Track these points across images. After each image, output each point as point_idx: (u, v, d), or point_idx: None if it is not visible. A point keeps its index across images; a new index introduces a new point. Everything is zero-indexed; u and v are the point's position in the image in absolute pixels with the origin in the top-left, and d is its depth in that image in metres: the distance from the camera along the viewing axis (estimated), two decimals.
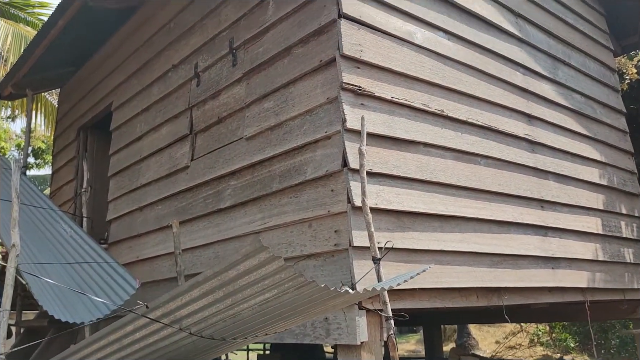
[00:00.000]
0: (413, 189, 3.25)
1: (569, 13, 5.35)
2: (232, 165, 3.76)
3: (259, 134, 3.60)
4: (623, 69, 7.19)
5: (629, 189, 5.36)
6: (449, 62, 3.80)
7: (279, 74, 3.54)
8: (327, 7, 3.22)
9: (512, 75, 4.33)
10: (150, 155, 4.74)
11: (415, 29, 3.62)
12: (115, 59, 5.64)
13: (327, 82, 3.17)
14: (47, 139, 14.70)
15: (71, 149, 6.35)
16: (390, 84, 3.34)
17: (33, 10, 10.14)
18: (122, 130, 5.31)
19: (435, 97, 3.61)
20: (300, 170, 3.23)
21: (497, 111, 4.09)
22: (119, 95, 5.44)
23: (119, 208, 5.06)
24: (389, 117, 3.27)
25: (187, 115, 4.38)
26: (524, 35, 4.58)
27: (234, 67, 3.95)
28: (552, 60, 4.88)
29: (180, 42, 4.60)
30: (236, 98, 3.90)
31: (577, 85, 5.10)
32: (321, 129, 3.14)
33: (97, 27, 5.55)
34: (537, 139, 4.36)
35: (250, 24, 3.84)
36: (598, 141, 5.13)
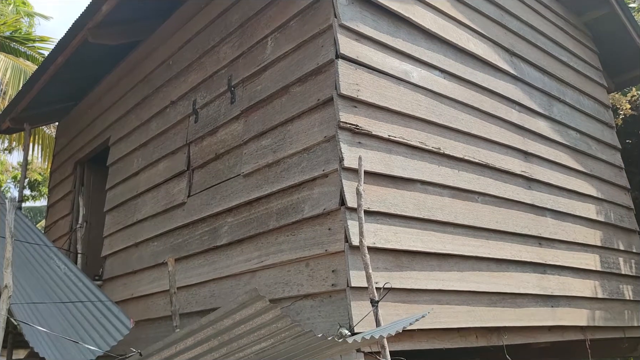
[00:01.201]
0: (411, 227, 3.23)
1: (562, 51, 5.44)
2: (229, 202, 3.74)
3: (257, 171, 3.60)
4: (617, 105, 7.27)
5: (626, 225, 5.36)
6: (445, 100, 3.83)
7: (277, 111, 3.56)
8: (324, 47, 3.26)
9: (508, 113, 4.37)
10: (147, 190, 4.72)
11: (411, 68, 3.66)
12: (114, 94, 5.68)
13: (324, 120, 3.19)
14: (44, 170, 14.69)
15: (67, 183, 6.33)
16: (387, 122, 3.36)
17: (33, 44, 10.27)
18: (119, 165, 5.30)
19: (432, 135, 3.63)
20: (297, 208, 3.22)
21: (494, 148, 4.11)
22: (117, 130, 5.45)
23: (115, 244, 5.02)
24: (386, 155, 3.28)
25: (184, 151, 4.39)
26: (519, 73, 4.64)
27: (232, 104, 3.98)
28: (547, 97, 4.94)
29: (179, 78, 4.64)
30: (234, 135, 3.92)
31: (572, 122, 5.15)
32: (319, 167, 3.15)
33: (97, 63, 5.61)
34: (533, 175, 4.38)
35: (249, 62, 3.88)
36: (594, 177, 5.15)
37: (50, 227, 6.49)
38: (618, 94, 7.24)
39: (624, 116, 7.47)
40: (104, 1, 4.41)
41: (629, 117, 7.55)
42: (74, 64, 5.29)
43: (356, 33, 3.32)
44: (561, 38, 5.50)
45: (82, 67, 5.53)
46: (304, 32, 3.42)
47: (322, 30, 3.29)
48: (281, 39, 3.63)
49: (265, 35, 3.75)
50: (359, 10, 3.39)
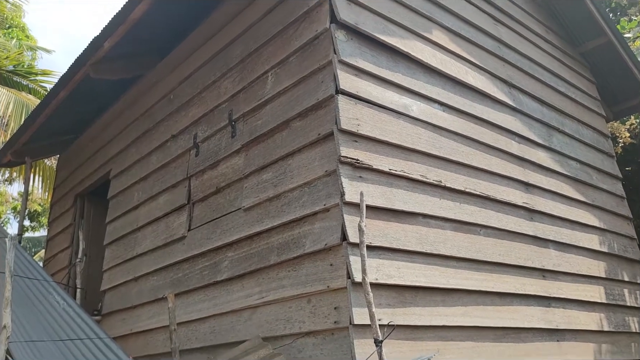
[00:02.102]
0: (413, 262, 3.20)
1: (560, 81, 5.49)
2: (230, 237, 3.72)
3: (258, 205, 3.59)
4: (616, 133, 7.29)
5: (629, 255, 5.31)
6: (445, 133, 3.84)
7: (278, 146, 3.56)
8: (324, 82, 3.29)
9: (508, 144, 4.38)
10: (147, 224, 4.70)
11: (411, 102, 3.68)
12: (115, 127, 5.71)
13: (325, 155, 3.19)
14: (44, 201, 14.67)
15: (68, 216, 6.31)
16: (387, 156, 3.37)
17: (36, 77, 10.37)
18: (119, 198, 5.30)
19: (432, 168, 3.63)
20: (298, 243, 3.19)
21: (495, 180, 4.10)
22: (118, 164, 5.46)
23: (114, 278, 4.97)
24: (387, 189, 3.27)
25: (185, 184, 4.38)
26: (517, 105, 4.67)
27: (233, 138, 3.99)
28: (547, 128, 4.96)
29: (180, 112, 4.67)
30: (235, 169, 3.92)
31: (572, 152, 5.15)
32: (320, 201, 3.13)
33: (98, 97, 5.66)
34: (535, 207, 4.36)
35: (250, 97, 3.91)
36: (596, 207, 5.13)
37: (50, 261, 6.45)
38: (617, 122, 7.27)
39: (624, 144, 7.49)
40: (106, 38, 4.47)
41: (629, 146, 7.57)
42: (76, 98, 5.34)
43: (355, 68, 3.35)
44: (558, 69, 5.55)
45: (84, 101, 5.58)
46: (304, 68, 3.45)
47: (322, 66, 3.32)
48: (281, 74, 3.66)
49: (266, 70, 3.79)
50: (357, 46, 3.42)
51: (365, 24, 3.47)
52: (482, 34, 4.59)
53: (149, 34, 4.71)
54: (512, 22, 5.09)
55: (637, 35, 7.37)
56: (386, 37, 3.60)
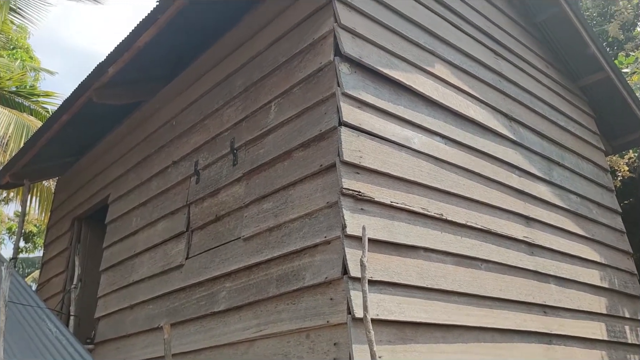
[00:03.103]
0: (414, 297, 3.16)
1: (560, 115, 5.52)
2: (228, 267, 3.68)
3: (257, 234, 3.56)
4: (615, 167, 7.32)
5: (630, 291, 5.27)
6: (446, 165, 3.84)
7: (279, 175, 3.55)
8: (327, 114, 3.29)
9: (509, 178, 4.38)
10: (145, 251, 4.66)
11: (412, 134, 3.69)
12: (116, 152, 5.71)
13: (327, 186, 3.18)
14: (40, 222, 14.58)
15: (64, 239, 6.26)
16: (389, 188, 3.35)
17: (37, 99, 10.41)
18: (117, 223, 5.26)
19: (434, 201, 3.62)
20: (298, 275, 3.16)
21: (495, 213, 4.09)
22: (117, 188, 5.44)
23: (109, 305, 4.90)
24: (389, 222, 3.25)
25: (184, 212, 4.36)
26: (518, 138, 4.69)
27: (234, 166, 3.99)
28: (547, 161, 4.97)
29: (182, 139, 4.67)
30: (235, 197, 3.90)
31: (572, 186, 5.15)
32: (321, 233, 3.11)
33: (100, 120, 5.68)
34: (535, 241, 4.34)
35: (252, 125, 3.91)
36: (596, 242, 5.11)
37: (44, 285, 6.36)
38: (616, 156, 7.31)
39: (622, 178, 7.51)
40: (111, 64, 4.50)
41: (627, 179, 7.60)
42: (78, 122, 5.35)
43: (358, 101, 3.36)
44: (558, 103, 5.60)
45: (86, 125, 5.59)
46: (308, 99, 3.46)
47: (325, 97, 3.33)
48: (285, 105, 3.67)
49: (269, 100, 3.80)
50: (361, 79, 3.44)
51: (369, 57, 3.50)
52: (483, 68, 4.64)
53: (153, 61, 4.75)
54: (512, 56, 5.15)
55: (635, 71, 7.45)
56: (389, 71, 3.63)
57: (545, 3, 5.59)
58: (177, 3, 3.92)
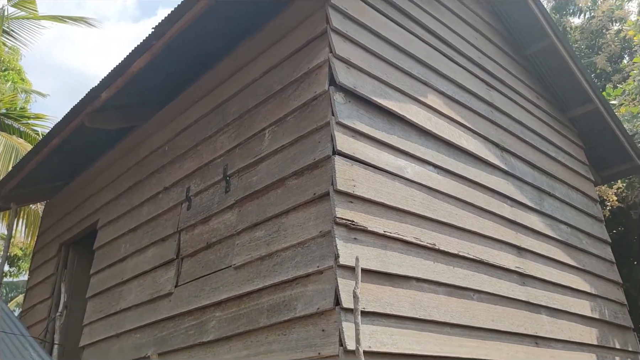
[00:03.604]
0: (407, 329, 3.13)
1: (550, 146, 5.58)
2: (219, 295, 3.62)
3: (249, 263, 3.52)
4: (604, 196, 7.39)
5: (620, 321, 5.27)
6: (439, 195, 3.85)
7: (272, 203, 3.53)
8: (321, 143, 3.30)
9: (501, 208, 4.39)
10: (133, 278, 4.58)
11: (405, 164, 3.70)
12: (106, 176, 5.66)
13: (320, 215, 3.16)
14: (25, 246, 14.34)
15: (50, 265, 6.15)
16: (382, 217, 3.34)
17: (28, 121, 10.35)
18: (106, 249, 5.18)
19: (426, 231, 3.61)
20: (290, 305, 3.11)
21: (488, 243, 4.09)
22: (107, 214, 5.38)
23: (95, 333, 4.79)
24: (381, 252, 3.23)
25: (175, 238, 4.31)
26: (509, 168, 4.72)
27: (226, 193, 3.96)
28: (538, 191, 5.00)
29: (174, 165, 4.65)
30: (227, 224, 3.86)
31: (563, 216, 5.18)
32: (313, 263, 3.08)
33: (91, 145, 5.64)
34: (527, 271, 4.33)
35: (246, 153, 3.91)
36: (587, 272, 5.12)
37: (28, 311, 6.22)
38: (605, 186, 7.38)
39: (611, 208, 7.58)
40: (104, 89, 4.49)
41: (616, 209, 7.67)
42: (69, 146, 5.32)
43: (352, 130, 3.37)
44: (548, 133, 5.66)
45: (76, 149, 5.55)
46: (302, 128, 3.47)
47: (319, 126, 3.34)
48: (279, 132, 3.67)
49: (263, 127, 3.81)
50: (355, 109, 3.46)
51: (363, 87, 3.53)
52: (475, 99, 4.69)
53: (147, 87, 4.75)
54: (503, 88, 5.22)
55: (622, 102, 7.58)
56: (383, 100, 3.65)
57: (535, 36, 5.70)
58: (172, 31, 3.94)
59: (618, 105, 7.54)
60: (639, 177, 7.21)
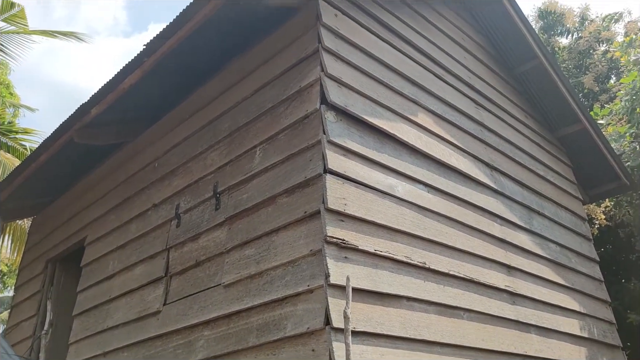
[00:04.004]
0: (397, 348, 3.11)
1: (539, 165, 5.63)
2: (207, 314, 3.58)
3: (238, 281, 3.49)
4: (593, 215, 7.45)
5: (609, 340, 5.27)
6: (429, 214, 3.85)
7: (263, 221, 3.52)
8: (313, 161, 3.30)
9: (490, 226, 4.40)
10: (121, 295, 4.52)
11: (396, 182, 3.71)
12: (95, 192, 5.61)
13: (310, 233, 3.15)
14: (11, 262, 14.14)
15: (36, 281, 6.06)
16: (373, 236, 3.34)
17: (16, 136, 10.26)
18: (93, 266, 5.12)
19: (417, 249, 3.61)
20: (279, 325, 3.08)
21: (478, 262, 4.09)
22: (95, 230, 5.32)
23: (81, 352, 4.71)
24: (372, 271, 3.22)
25: (163, 256, 4.27)
26: (499, 187, 4.74)
27: (216, 210, 3.94)
28: (527, 210, 5.03)
29: (164, 182, 4.62)
30: (216, 242, 3.84)
31: (552, 235, 5.21)
32: (303, 282, 3.06)
33: (80, 161, 5.60)
34: (517, 290, 4.33)
35: (236, 170, 3.90)
36: (576, 291, 5.14)
37: (13, 329, 6.11)
38: (593, 205, 7.44)
39: (600, 226, 7.63)
40: (94, 104, 4.47)
41: (604, 227, 7.72)
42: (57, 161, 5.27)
43: (344, 149, 3.38)
44: (537, 152, 5.71)
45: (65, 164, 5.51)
46: (293, 146, 3.47)
47: (310, 145, 3.34)
48: (270, 150, 3.67)
49: (254, 145, 3.80)
50: (346, 127, 3.47)
51: (354, 106, 3.54)
52: (465, 118, 4.73)
53: (138, 103, 4.74)
54: (493, 107, 5.27)
55: (610, 122, 7.67)
56: (374, 119, 3.67)
57: (524, 56, 5.79)
58: (163, 48, 3.94)
59: (605, 124, 7.63)
60: (626, 196, 7.27)
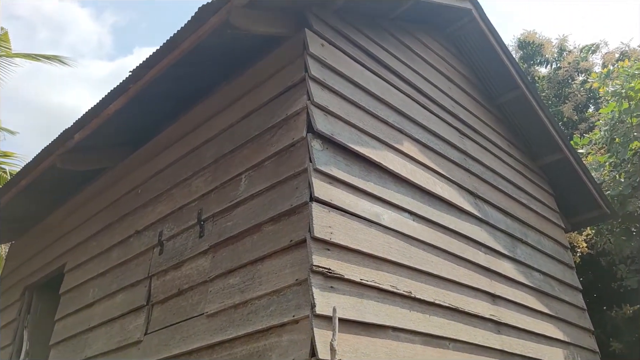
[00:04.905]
0: None
1: (522, 193, 5.69)
2: (190, 344, 3.50)
3: (222, 311, 3.43)
4: (575, 243, 7.52)
5: None
6: (415, 242, 3.85)
7: (247, 249, 3.48)
8: (299, 189, 3.29)
9: (475, 255, 4.41)
10: (101, 324, 4.41)
11: (382, 211, 3.71)
12: (76, 218, 5.51)
13: (296, 262, 3.12)
14: None
15: (13, 309, 5.89)
16: (359, 265, 3.32)
17: None
18: (72, 294, 5.00)
19: (403, 278, 3.59)
20: (264, 356, 3.03)
21: (463, 291, 4.08)
22: (75, 257, 5.22)
23: None
24: (358, 301, 3.19)
25: (145, 284, 4.19)
26: (483, 215, 4.77)
27: (200, 238, 3.89)
28: (511, 238, 5.06)
29: (147, 208, 4.57)
30: (200, 270, 3.78)
31: (535, 263, 5.23)
32: (289, 312, 3.02)
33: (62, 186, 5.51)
34: (502, 319, 4.33)
35: (221, 197, 3.87)
36: (560, 320, 5.15)
37: None
38: (575, 233, 7.52)
39: (581, 254, 7.70)
40: (78, 130, 4.43)
41: (586, 255, 7.79)
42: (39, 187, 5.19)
43: (330, 177, 3.38)
44: (520, 181, 5.78)
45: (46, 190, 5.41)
46: (279, 173, 3.46)
47: (297, 172, 3.34)
48: (255, 178, 3.66)
49: (240, 172, 3.79)
50: (332, 155, 3.48)
51: (341, 135, 3.56)
52: (449, 146, 4.78)
53: (122, 129, 4.71)
54: (476, 136, 5.34)
55: (589, 152, 7.82)
56: (360, 148, 3.69)
57: (506, 86, 5.90)
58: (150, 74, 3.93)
59: (585, 154, 7.77)
60: (607, 224, 7.37)
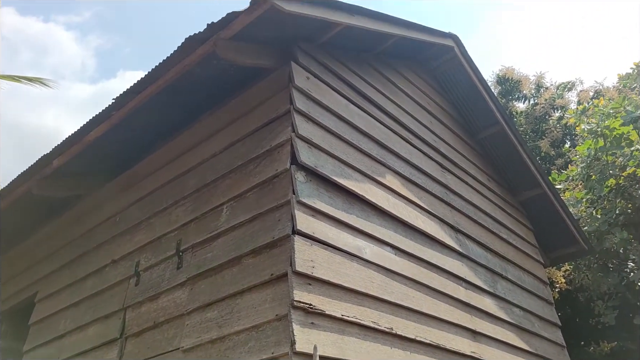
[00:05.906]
0: None
1: (502, 228, 5.72)
2: None
3: (199, 346, 3.33)
4: (553, 278, 7.57)
5: None
6: (396, 277, 3.82)
7: (227, 282, 3.40)
8: (281, 221, 3.25)
9: (456, 290, 4.39)
10: (72, 357, 4.24)
11: (364, 244, 3.68)
12: (49, 246, 5.36)
13: (276, 297, 3.06)
14: None
15: None
16: (340, 300, 3.26)
17: None
18: (43, 324, 4.82)
19: (384, 314, 3.54)
20: None
21: (444, 327, 4.04)
22: (47, 286, 5.05)
23: None
24: (339, 337, 3.13)
25: (120, 316, 4.06)
26: (464, 250, 4.77)
27: (178, 269, 3.80)
28: (491, 274, 5.05)
29: (125, 237, 4.47)
30: (177, 303, 3.68)
31: (515, 299, 5.23)
32: (267, 349, 2.94)
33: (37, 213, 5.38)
34: (482, 356, 4.28)
35: (202, 228, 3.80)
36: (539, 357, 5.13)
37: None
38: (554, 268, 7.58)
39: (560, 290, 7.75)
40: (57, 155, 4.35)
41: (565, 291, 7.84)
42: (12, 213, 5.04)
43: (313, 209, 3.35)
44: (500, 215, 5.82)
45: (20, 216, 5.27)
46: (261, 205, 3.42)
47: (279, 204, 3.30)
48: (237, 209, 3.61)
49: (221, 202, 3.73)
50: (315, 188, 3.46)
51: (324, 167, 3.55)
52: (431, 180, 4.80)
53: (102, 156, 4.63)
54: (457, 170, 5.38)
55: (567, 187, 7.94)
56: (343, 180, 3.68)
57: (487, 122, 5.99)
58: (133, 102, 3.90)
59: (563, 190, 7.90)
60: (585, 260, 7.44)
